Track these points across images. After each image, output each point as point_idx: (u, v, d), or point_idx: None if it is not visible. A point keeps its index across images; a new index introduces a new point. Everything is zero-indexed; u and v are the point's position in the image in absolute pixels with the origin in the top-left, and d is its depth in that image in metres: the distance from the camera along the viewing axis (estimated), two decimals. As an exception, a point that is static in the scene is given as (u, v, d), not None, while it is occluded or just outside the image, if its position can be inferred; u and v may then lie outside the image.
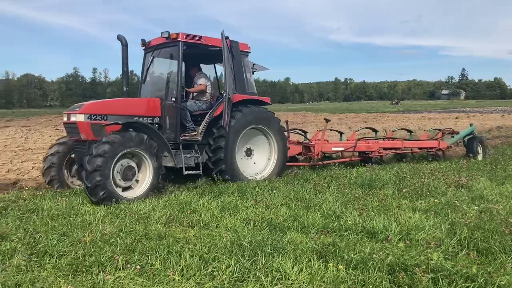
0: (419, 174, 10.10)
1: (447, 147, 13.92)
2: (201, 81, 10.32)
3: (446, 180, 9.22)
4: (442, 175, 9.89)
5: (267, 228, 6.05)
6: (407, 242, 5.15)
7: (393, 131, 15.44)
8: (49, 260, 4.89)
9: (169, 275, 4.34)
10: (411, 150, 13.48)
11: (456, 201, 7.08)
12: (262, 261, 4.59)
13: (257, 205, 7.23)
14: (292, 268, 4.42)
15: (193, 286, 4.17)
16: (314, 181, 9.28)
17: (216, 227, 6.12)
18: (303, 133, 13.27)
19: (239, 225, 6.14)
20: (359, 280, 4.14)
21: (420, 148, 13.59)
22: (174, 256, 4.82)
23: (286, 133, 12.15)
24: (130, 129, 8.32)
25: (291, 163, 11.55)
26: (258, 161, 10.46)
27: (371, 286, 4.03)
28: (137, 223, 6.23)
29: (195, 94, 10.48)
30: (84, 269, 4.58)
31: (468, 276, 4.11)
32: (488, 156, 13.93)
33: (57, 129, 28.72)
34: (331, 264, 4.46)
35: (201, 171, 9.34)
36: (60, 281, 4.26)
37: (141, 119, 8.91)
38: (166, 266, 4.63)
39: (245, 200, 7.59)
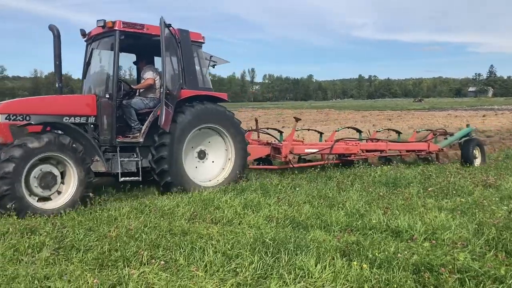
0: (444, 173, 9.92)
1: (439, 150, 12.65)
2: (148, 75, 9.10)
3: (473, 179, 9.03)
4: (468, 174, 9.69)
5: (290, 225, 6.04)
6: (433, 241, 5.06)
7: (377, 131, 13.88)
8: (75, 254, 5.01)
9: (192, 271, 4.38)
10: (399, 152, 12.28)
11: (484, 201, 6.92)
12: (285, 259, 4.59)
13: (280, 202, 7.22)
14: (315, 266, 4.40)
15: (216, 282, 4.19)
16: (337, 179, 9.21)
17: (239, 224, 6.14)
18: (277, 133, 11.91)
19: (262, 222, 6.14)
20: (383, 280, 4.09)
21: (408, 151, 12.30)
22: (197, 252, 4.86)
23: (256, 133, 11.78)
24: (57, 131, 7.43)
25: (264, 167, 10.96)
26: (212, 165, 9.26)
27: (395, 286, 3.97)
28: (162, 219, 6.31)
29: (141, 90, 9.23)
30: (109, 264, 4.67)
31: (496, 278, 4.02)
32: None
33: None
34: (355, 263, 4.42)
35: (140, 178, 8.19)
36: (86, 275, 4.33)
37: (72, 119, 7.82)
38: (190, 261, 4.68)
39: (268, 197, 7.59)
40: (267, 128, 12.51)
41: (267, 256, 4.67)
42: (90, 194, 7.38)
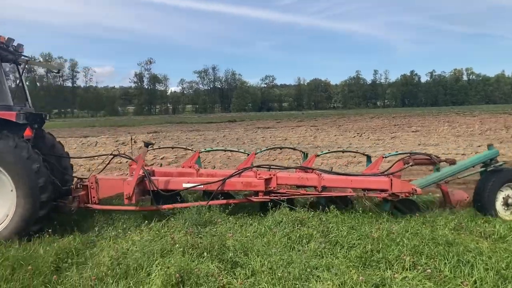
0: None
1: (411, 193, 7.13)
2: None
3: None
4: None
5: None
6: None
7: (317, 155, 8.55)
8: (340, 250, 5.34)
9: (460, 285, 4.11)
10: (350, 191, 7.45)
11: None
12: None
13: None
14: None
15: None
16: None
17: (515, 242, 5.43)
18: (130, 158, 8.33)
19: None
20: None
21: (364, 190, 7.32)
22: (465, 266, 4.53)
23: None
24: None
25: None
26: None
27: None
28: (423, 225, 6.12)
29: None
30: (372, 264, 4.81)
31: None
32: None
33: (339, 129, 30.84)
34: None
35: None
36: (351, 271, 4.57)
37: None
38: (456, 274, 4.41)
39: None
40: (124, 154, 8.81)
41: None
42: None
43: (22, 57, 7.81)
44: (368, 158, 8.48)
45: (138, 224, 6.69)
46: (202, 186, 7.43)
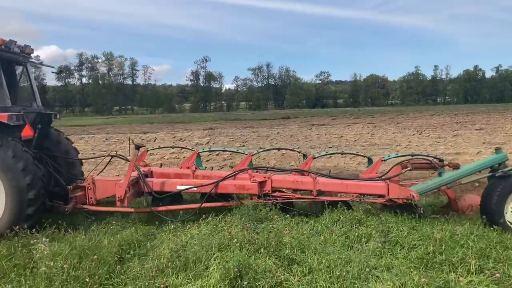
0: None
1: (409, 199, 6.62)
2: None
3: None
4: None
5: None
6: None
7: (314, 157, 8.07)
8: (400, 250, 5.20)
9: (532, 292, 3.87)
10: (352, 196, 6.97)
11: None
12: None
13: None
14: None
15: None
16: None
17: None
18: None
19: None
20: None
21: (361, 194, 6.94)
22: (537, 272, 4.26)
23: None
24: None
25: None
26: None
27: None
28: (490, 228, 5.84)
29: None
30: (434, 266, 4.66)
31: None
32: None
33: (398, 126, 29.96)
34: None
35: None
36: (412, 272, 4.43)
37: None
38: (528, 281, 4.15)
39: None
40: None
41: None
42: None
43: (30, 58, 7.97)
44: (369, 160, 8.12)
45: (196, 219, 6.84)
46: (195, 188, 7.36)
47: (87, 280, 4.48)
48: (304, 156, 8.56)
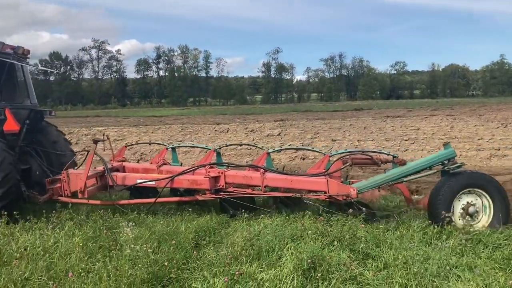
0: None
1: (348, 196, 6.29)
2: None
3: None
4: None
5: None
6: None
7: (268, 153, 7.83)
8: (483, 249, 4.92)
9: None
10: (298, 192, 6.75)
11: None
12: None
13: None
14: None
15: None
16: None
17: None
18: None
19: None
20: None
21: (310, 191, 6.79)
22: None
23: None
24: None
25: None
26: None
27: None
28: None
29: None
30: None
31: None
32: None
33: (480, 119, 28.18)
34: None
35: None
36: (497, 273, 4.18)
37: None
38: None
39: None
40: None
41: None
42: None
43: (27, 59, 8.69)
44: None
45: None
46: (153, 182, 7.58)
47: (166, 264, 4.68)
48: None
